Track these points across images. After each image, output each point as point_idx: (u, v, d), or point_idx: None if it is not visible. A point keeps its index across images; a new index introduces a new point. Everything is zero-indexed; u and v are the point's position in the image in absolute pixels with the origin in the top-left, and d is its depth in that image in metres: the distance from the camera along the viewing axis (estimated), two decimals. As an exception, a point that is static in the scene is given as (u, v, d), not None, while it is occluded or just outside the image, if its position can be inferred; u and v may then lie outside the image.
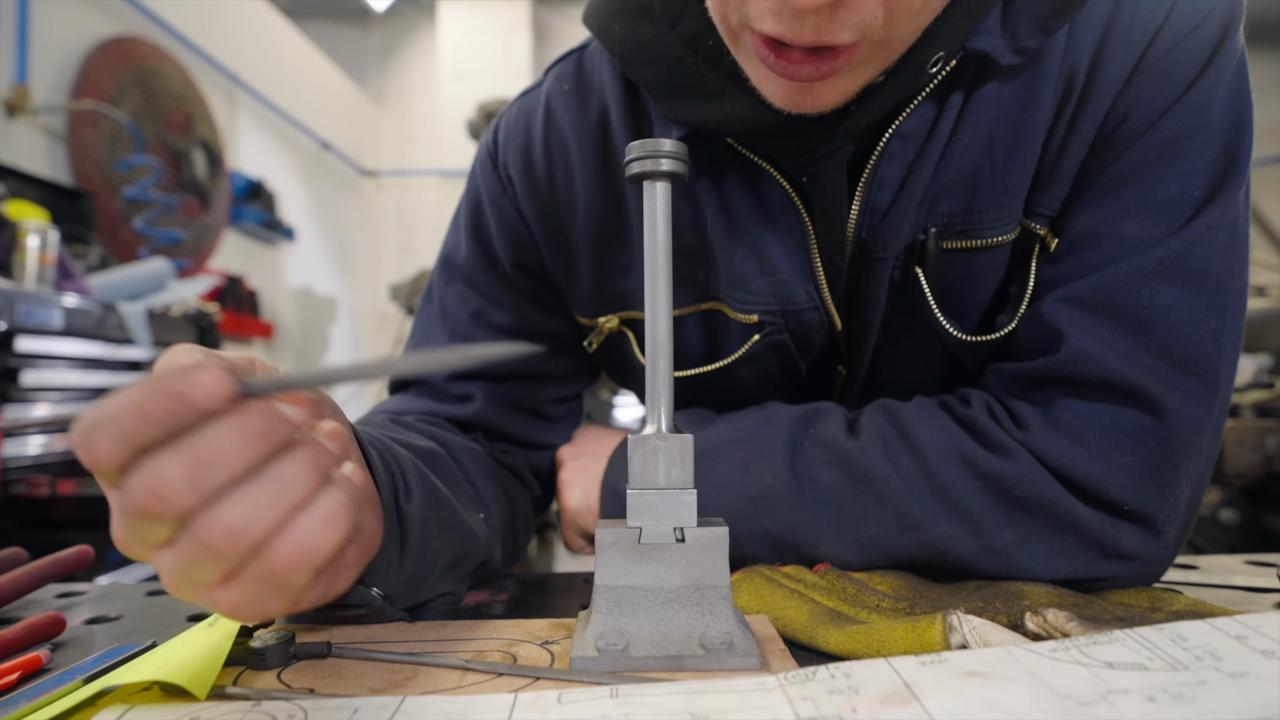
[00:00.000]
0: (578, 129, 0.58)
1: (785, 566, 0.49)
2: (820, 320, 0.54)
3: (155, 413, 0.25)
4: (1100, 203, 0.47)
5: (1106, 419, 0.45)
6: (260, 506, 0.26)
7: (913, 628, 0.36)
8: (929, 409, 0.50)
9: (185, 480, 0.25)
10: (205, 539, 0.26)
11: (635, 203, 0.56)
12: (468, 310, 0.63)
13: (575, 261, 0.60)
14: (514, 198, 0.61)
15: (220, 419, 0.26)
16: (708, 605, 0.36)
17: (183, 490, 0.25)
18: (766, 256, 0.53)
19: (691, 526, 0.37)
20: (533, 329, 0.64)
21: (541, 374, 0.66)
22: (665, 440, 0.37)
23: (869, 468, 0.48)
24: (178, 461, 0.25)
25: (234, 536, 0.26)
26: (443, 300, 0.65)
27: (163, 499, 0.25)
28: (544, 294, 0.63)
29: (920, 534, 0.47)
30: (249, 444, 0.26)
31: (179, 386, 0.25)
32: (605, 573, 0.37)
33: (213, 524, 0.26)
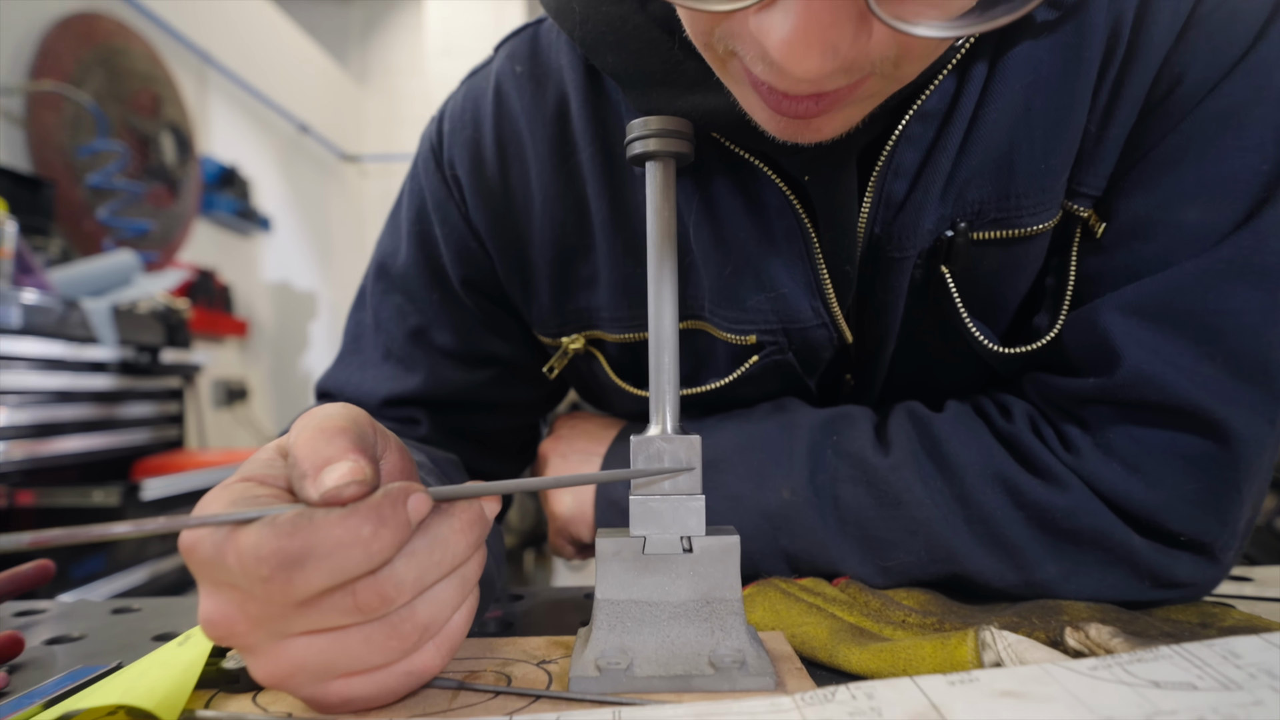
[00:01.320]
0: (533, 120, 0.54)
1: (802, 579, 0.49)
2: (829, 337, 0.52)
3: (383, 547, 0.28)
4: (1154, 183, 0.45)
5: (1165, 445, 0.44)
6: (446, 605, 0.31)
7: (942, 645, 0.36)
8: (965, 420, 0.49)
9: (414, 582, 0.29)
10: (400, 630, 0.30)
11: (600, 205, 0.53)
12: (406, 327, 0.61)
13: (533, 275, 0.57)
14: (461, 203, 0.57)
15: (447, 521, 0.31)
16: (718, 620, 0.36)
17: (409, 591, 0.29)
18: (763, 270, 0.50)
19: (700, 535, 0.37)
20: (481, 353, 0.62)
21: (488, 403, 0.64)
22: (671, 442, 0.37)
23: (899, 490, 0.47)
24: (410, 567, 0.29)
25: (421, 630, 0.30)
26: (378, 311, 0.63)
27: (390, 601, 0.29)
28: (496, 314, 0.61)
29: (955, 565, 0.47)
30: (469, 547, 0.32)
31: (400, 517, 0.29)
32: (606, 586, 0.37)
33: (410, 617, 0.30)
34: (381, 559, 0.28)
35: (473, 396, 0.63)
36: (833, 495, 0.49)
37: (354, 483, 0.28)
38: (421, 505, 0.30)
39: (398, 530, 0.28)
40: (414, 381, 0.61)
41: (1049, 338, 0.49)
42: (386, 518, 0.28)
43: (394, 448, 0.34)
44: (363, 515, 0.28)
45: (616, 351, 0.58)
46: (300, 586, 0.27)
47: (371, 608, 0.29)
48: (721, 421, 0.56)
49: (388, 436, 0.34)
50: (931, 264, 0.49)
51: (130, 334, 2.00)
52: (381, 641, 0.29)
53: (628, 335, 0.56)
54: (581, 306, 0.57)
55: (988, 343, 0.50)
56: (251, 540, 0.27)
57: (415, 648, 0.30)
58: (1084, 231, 0.49)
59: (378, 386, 0.61)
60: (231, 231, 3.61)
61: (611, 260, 0.54)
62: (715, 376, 0.56)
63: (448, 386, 0.62)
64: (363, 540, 0.27)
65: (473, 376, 0.62)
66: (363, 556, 0.28)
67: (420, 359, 0.61)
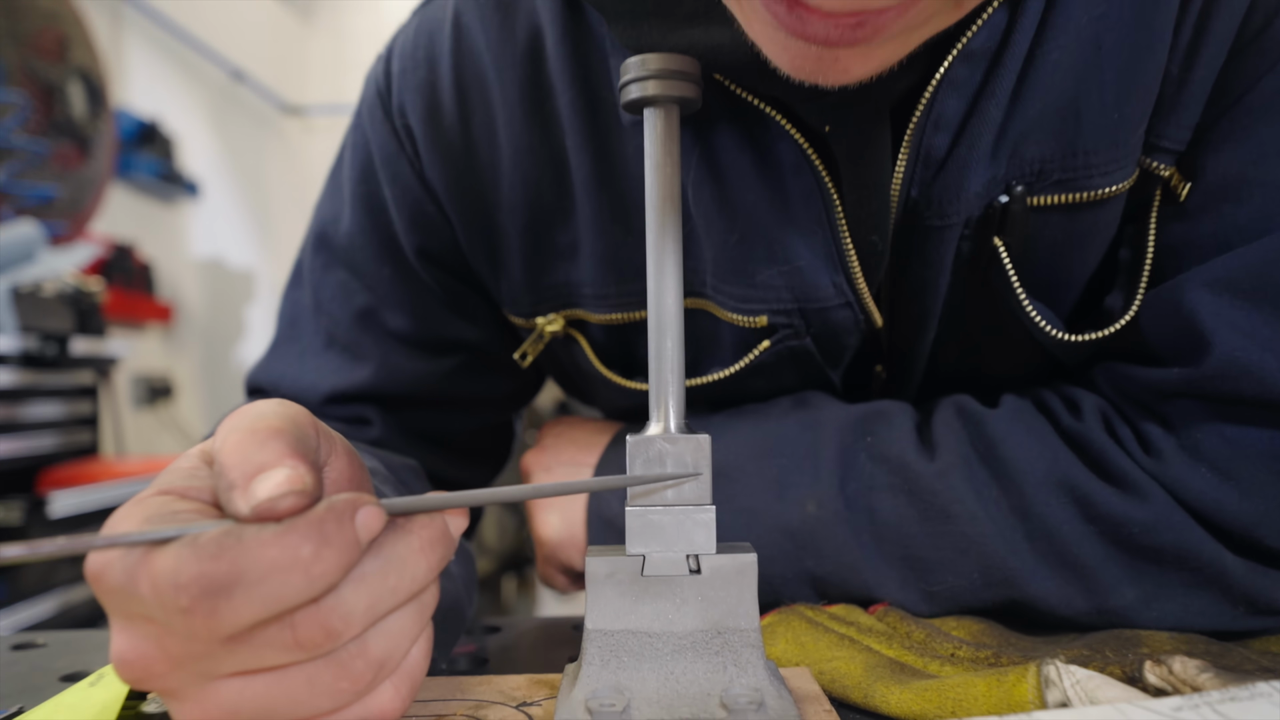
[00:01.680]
0: (500, 58, 0.53)
1: (832, 606, 0.49)
2: (854, 319, 0.52)
3: (327, 571, 0.28)
4: (1248, 134, 0.45)
5: (1263, 446, 0.43)
6: (403, 637, 0.31)
7: (998, 682, 0.36)
8: (1025, 418, 0.49)
9: (365, 613, 0.29)
10: (349, 669, 0.29)
11: (581, 161, 0.52)
12: (352, 308, 0.61)
13: (502, 244, 0.57)
14: (415, 159, 0.57)
15: (404, 539, 0.30)
16: (731, 654, 0.36)
17: (359, 623, 0.29)
18: (775, 239, 0.50)
19: (710, 553, 0.37)
20: (442, 338, 0.62)
21: (452, 398, 0.64)
22: (675, 442, 0.37)
23: (947, 501, 0.47)
24: (360, 594, 0.29)
25: (376, 668, 0.30)
26: (318, 290, 0.62)
27: (337, 635, 0.28)
28: (459, 292, 0.61)
29: (1013, 590, 0.47)
30: (430, 570, 0.31)
31: (347, 535, 0.28)
32: (598, 614, 0.37)
33: (361, 654, 0.29)
34: (325, 584, 0.28)
35: (434, 390, 0.63)
36: (868, 508, 0.49)
37: (291, 493, 0.28)
38: (373, 520, 0.29)
39: (344, 550, 0.28)
40: (363, 373, 0.61)
41: (1124, 321, 0.49)
42: (331, 535, 0.28)
43: (341, 452, 0.34)
44: (302, 533, 0.27)
45: (601, 335, 0.58)
46: (228, 619, 0.27)
47: (315, 643, 0.28)
48: (732, 420, 0.56)
49: (333, 439, 0.34)
50: (981, 235, 0.49)
51: (33, 320, 2.00)
52: (329, 683, 0.29)
53: (615, 316, 0.55)
54: (560, 282, 0.56)
55: (1050, 328, 0.50)
56: (169, 564, 0.27)
57: (369, 688, 0.30)
58: (1165, 194, 0.48)
59: (320, 380, 0.61)
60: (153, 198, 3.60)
61: (596, 226, 0.54)
62: (719, 365, 0.56)
63: (403, 378, 0.62)
64: (302, 562, 0.27)
65: (433, 366, 0.62)
66: (302, 582, 0.27)
67: (370, 346, 0.61)
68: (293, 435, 0.30)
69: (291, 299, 0.65)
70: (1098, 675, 0.34)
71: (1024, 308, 0.50)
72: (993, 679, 0.36)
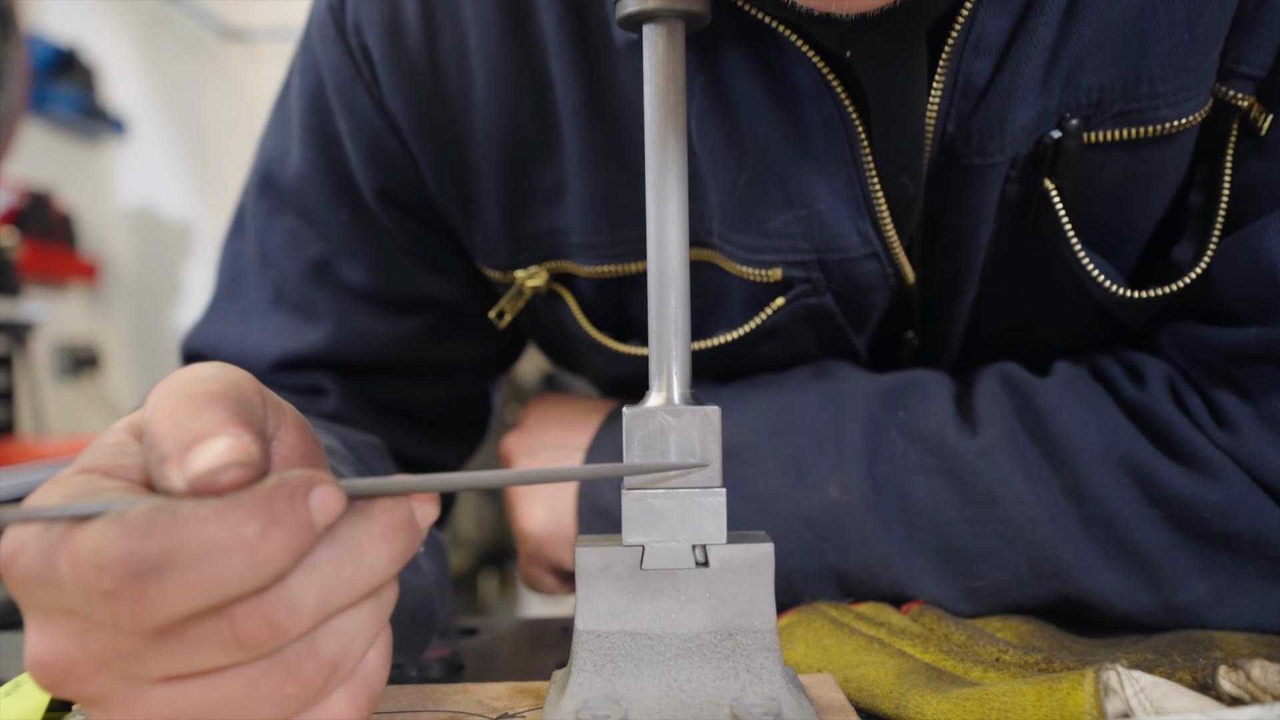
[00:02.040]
0: None
1: (860, 604, 0.49)
2: (882, 273, 0.52)
3: (275, 555, 0.27)
4: None
5: None
6: (358, 638, 0.30)
7: (1050, 690, 0.36)
8: (1080, 387, 0.49)
9: (316, 607, 0.28)
10: (297, 672, 0.28)
11: (569, 87, 0.52)
12: (303, 260, 0.61)
13: (475, 184, 0.57)
14: (373, 84, 0.56)
15: (362, 525, 0.30)
16: (744, 659, 0.36)
17: (309, 619, 0.28)
18: (791, 179, 0.50)
19: (719, 543, 0.37)
20: (406, 294, 0.62)
21: (419, 364, 0.64)
22: (679, 415, 0.37)
23: (991, 483, 0.48)
24: (310, 585, 0.28)
25: (328, 672, 0.29)
26: (263, 238, 0.62)
27: (283, 632, 0.28)
28: (427, 240, 0.61)
29: (1067, 584, 0.47)
30: (391, 561, 0.30)
31: (299, 516, 0.28)
32: (590, 613, 0.37)
33: (311, 654, 0.29)
34: (272, 571, 0.27)
35: (398, 355, 0.63)
36: (899, 492, 0.49)
37: (235, 464, 0.27)
38: (330, 501, 0.29)
39: (295, 533, 0.27)
40: (317, 335, 0.61)
41: (1194, 274, 0.49)
42: (280, 515, 0.27)
43: (292, 425, 0.34)
44: (247, 509, 0.27)
45: (591, 291, 0.58)
46: (158, 607, 0.26)
47: (258, 640, 0.28)
48: (743, 393, 0.56)
49: (282, 409, 0.34)
50: (1031, 176, 0.49)
51: (-64, 278, 1.99)
52: (274, 688, 0.28)
53: (607, 268, 0.55)
54: (543, 229, 0.56)
55: (1109, 284, 0.50)
56: (91, 542, 0.26)
57: (320, 695, 0.30)
58: (1243, 127, 0.48)
59: (267, 343, 0.61)
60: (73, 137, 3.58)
61: (585, 164, 0.53)
62: (726, 327, 0.56)
63: (363, 341, 0.62)
64: (246, 544, 0.26)
65: (397, 327, 0.62)
66: (246, 567, 0.27)
67: (324, 304, 0.61)
68: (234, 401, 0.30)
69: (233, 250, 0.65)
70: (1164, 682, 0.34)
71: (1079, 261, 0.49)
72: (1044, 687, 0.36)
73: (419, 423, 0.67)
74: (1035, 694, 0.36)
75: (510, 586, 2.98)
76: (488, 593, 2.87)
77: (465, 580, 2.79)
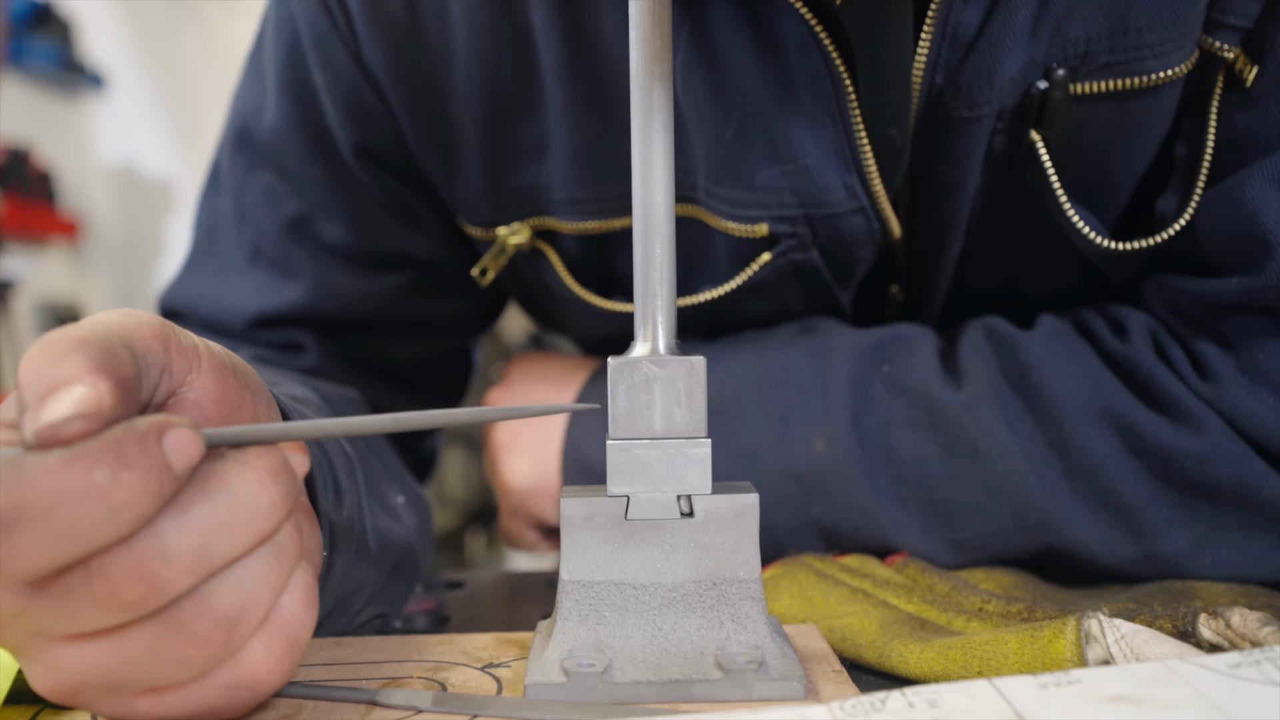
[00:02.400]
0: None
1: (844, 557, 0.50)
2: (868, 227, 0.52)
3: (130, 499, 0.26)
4: None
5: None
6: (259, 587, 0.30)
7: (1032, 638, 0.36)
8: (1064, 340, 0.50)
9: (195, 556, 0.28)
10: (193, 631, 0.28)
11: (551, 39, 0.52)
12: (280, 217, 0.60)
13: (456, 139, 0.56)
14: (350, 37, 0.56)
15: (237, 470, 0.29)
16: (728, 608, 0.36)
17: (188, 568, 0.28)
18: (778, 133, 0.50)
19: (704, 493, 0.37)
20: (385, 252, 0.61)
21: (398, 321, 0.64)
22: (664, 365, 0.37)
23: (975, 435, 0.48)
24: (184, 531, 0.28)
25: (228, 628, 0.29)
26: (239, 195, 0.62)
27: (162, 585, 0.27)
28: (406, 197, 0.60)
29: (1050, 534, 0.48)
30: (273, 505, 0.30)
31: (152, 458, 0.27)
32: (575, 563, 0.37)
33: (205, 612, 0.28)
34: (132, 517, 0.27)
35: (377, 312, 0.62)
36: (884, 445, 0.49)
37: (80, 416, 0.27)
38: (185, 444, 0.28)
39: (150, 475, 0.27)
40: (294, 292, 0.61)
41: (1178, 226, 0.49)
42: (131, 458, 0.27)
43: (206, 369, 0.33)
44: (95, 456, 0.26)
45: (574, 248, 0.57)
46: (14, 562, 0.26)
47: (134, 596, 0.27)
48: (729, 349, 0.56)
49: (195, 353, 0.33)
50: (1017, 128, 0.49)
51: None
52: (171, 648, 0.28)
53: (591, 224, 0.55)
54: (525, 184, 0.56)
55: (1094, 235, 0.50)
56: None
57: (226, 651, 0.29)
58: (1228, 79, 0.48)
59: (244, 300, 0.61)
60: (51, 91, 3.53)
61: (568, 118, 0.53)
62: (711, 283, 0.56)
63: (341, 298, 0.61)
64: (97, 490, 0.26)
65: (375, 285, 0.62)
66: (101, 513, 0.26)
67: (302, 261, 0.61)
68: (98, 347, 0.28)
69: (209, 207, 0.64)
70: (1145, 630, 0.35)
71: (1065, 213, 0.50)
72: (1026, 635, 0.36)
73: (398, 380, 0.67)
74: (1017, 642, 0.36)
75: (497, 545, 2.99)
76: (475, 551, 2.88)
77: (452, 539, 2.81)
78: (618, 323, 0.57)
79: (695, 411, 0.37)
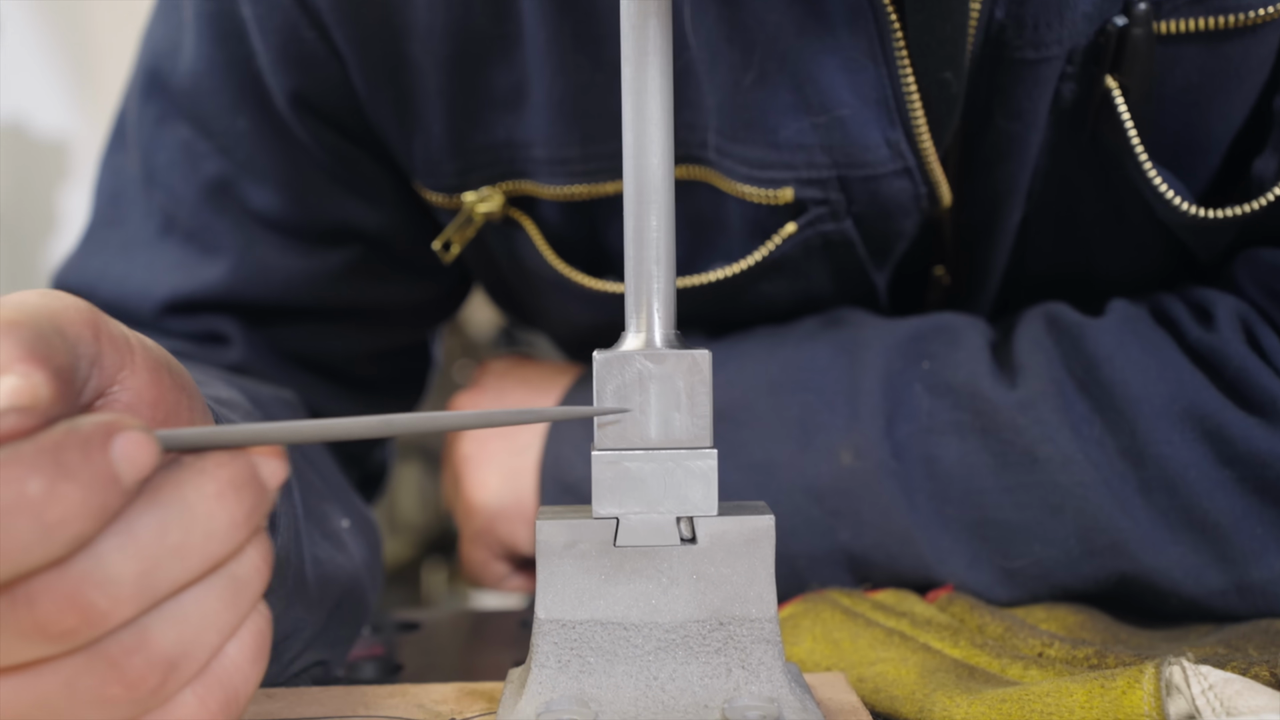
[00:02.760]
0: None
1: (877, 592, 0.50)
2: (914, 192, 0.52)
3: (68, 516, 0.26)
4: None
5: None
6: (206, 626, 0.29)
7: (1102, 688, 0.36)
8: (1139, 328, 0.50)
9: (138, 584, 0.27)
10: (123, 669, 0.27)
11: None
12: (198, 179, 0.60)
13: (415, 86, 0.56)
14: None
15: (193, 482, 0.29)
16: (738, 653, 0.36)
17: (129, 598, 0.27)
18: (808, 77, 0.50)
19: (709, 515, 0.37)
20: (326, 223, 0.61)
21: (341, 308, 0.64)
22: (661, 360, 0.37)
23: (1033, 441, 0.48)
24: (128, 554, 0.27)
25: (164, 671, 0.28)
26: (150, 152, 0.61)
27: (98, 616, 0.27)
28: (351, 156, 0.60)
29: (1123, 560, 0.48)
30: (233, 525, 0.29)
31: (97, 467, 0.26)
32: (553, 599, 0.37)
33: (140, 648, 0.28)
34: (67, 537, 0.26)
35: (314, 297, 0.62)
36: (924, 456, 0.49)
37: (12, 410, 0.26)
38: (137, 450, 0.27)
39: (94, 488, 0.26)
40: (215, 271, 0.60)
41: (1278, 192, 0.49)
42: (72, 466, 0.26)
43: (140, 366, 0.33)
44: (29, 462, 0.26)
45: (556, 217, 0.57)
46: None
47: (66, 626, 0.27)
48: (739, 343, 0.56)
49: (127, 347, 0.33)
50: (1091, 73, 0.49)
51: None
52: (95, 687, 0.28)
53: (577, 188, 0.55)
54: (499, 140, 0.56)
55: (1179, 201, 0.50)
56: None
57: (157, 697, 0.29)
58: None
59: (154, 281, 0.60)
60: (-78, 33, 3.53)
61: (552, 59, 0.53)
62: (723, 260, 0.56)
63: (273, 279, 0.61)
64: (30, 503, 0.25)
65: (312, 263, 0.62)
66: (33, 532, 0.25)
67: (225, 233, 0.61)
68: (30, 332, 0.28)
69: (112, 166, 0.64)
70: (1238, 679, 0.35)
71: (1145, 175, 0.50)
72: (1095, 685, 0.36)
73: (340, 379, 0.66)
74: (1085, 694, 0.36)
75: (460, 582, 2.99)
76: (433, 586, 2.87)
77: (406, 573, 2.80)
78: (608, 310, 0.57)
79: (698, 416, 0.37)
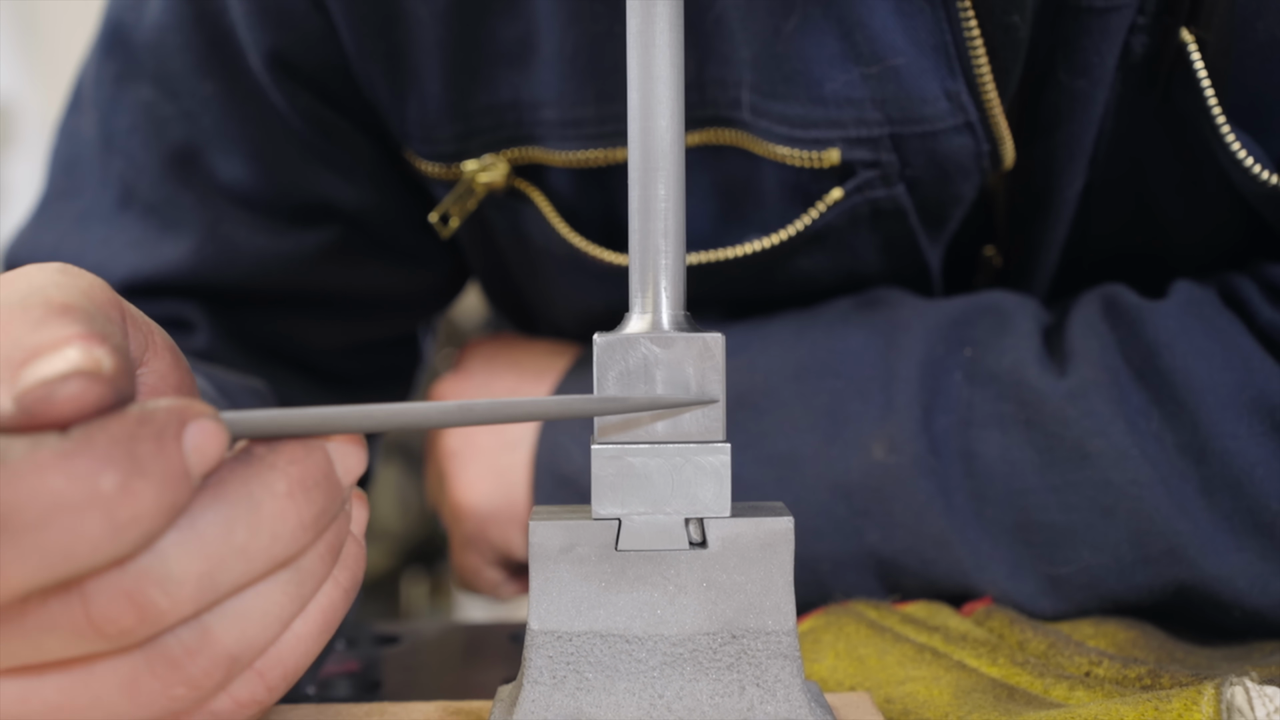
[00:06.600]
0: None
1: (908, 604, 0.50)
2: (975, 150, 0.52)
3: (140, 515, 0.26)
4: None
5: None
6: (270, 621, 0.30)
7: (1157, 712, 0.36)
8: (1203, 312, 0.50)
9: (199, 584, 0.28)
10: (186, 669, 0.28)
11: None
12: (161, 146, 0.60)
13: (409, 42, 0.56)
14: None
15: (260, 478, 0.29)
16: (752, 669, 0.36)
17: (190, 598, 0.28)
18: (858, 22, 0.50)
19: (722, 515, 0.37)
20: (304, 198, 0.61)
21: (312, 296, 0.64)
22: (669, 343, 0.37)
23: (1084, 434, 0.48)
24: (191, 553, 0.28)
25: (227, 667, 0.29)
26: (109, 115, 0.62)
27: (157, 616, 0.27)
28: (333, 125, 0.60)
29: (1181, 567, 0.47)
30: (302, 526, 0.30)
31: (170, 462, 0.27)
32: (548, 609, 0.37)
33: (203, 647, 0.29)
34: (137, 536, 0.26)
35: (288, 280, 0.63)
36: (963, 451, 0.49)
37: (80, 374, 0.26)
38: (209, 441, 0.28)
39: (166, 485, 0.27)
40: (178, 250, 0.61)
41: None
42: (146, 460, 0.26)
43: (162, 349, 0.33)
44: (103, 453, 0.26)
45: (567, 187, 0.57)
46: None
47: (123, 626, 0.27)
48: (761, 325, 0.56)
49: (150, 330, 0.33)
50: (1164, 24, 0.49)
51: None
52: (162, 689, 0.28)
53: (592, 153, 0.55)
54: (503, 101, 0.55)
55: (1259, 169, 0.50)
56: None
57: (213, 693, 0.30)
58: None
59: (111, 258, 0.61)
60: None
61: (565, 6, 0.53)
62: (758, 231, 0.55)
63: (241, 260, 0.62)
64: (103, 500, 0.26)
65: (286, 243, 0.62)
66: (103, 531, 0.26)
67: (189, 208, 0.61)
68: (84, 312, 0.29)
69: (69, 131, 0.64)
70: (1308, 701, 0.35)
71: (1223, 139, 0.49)
72: (1148, 707, 0.36)
73: (314, 372, 0.67)
74: (1136, 717, 0.36)
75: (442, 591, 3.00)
76: (414, 598, 2.89)
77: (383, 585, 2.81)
78: (621, 291, 0.57)
79: (712, 409, 0.37)
